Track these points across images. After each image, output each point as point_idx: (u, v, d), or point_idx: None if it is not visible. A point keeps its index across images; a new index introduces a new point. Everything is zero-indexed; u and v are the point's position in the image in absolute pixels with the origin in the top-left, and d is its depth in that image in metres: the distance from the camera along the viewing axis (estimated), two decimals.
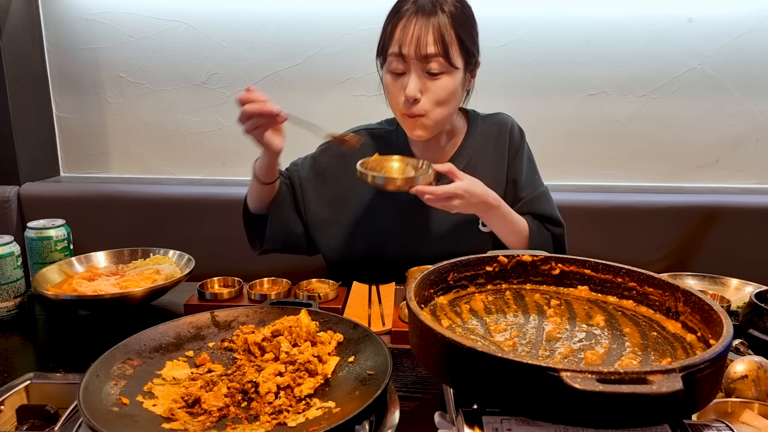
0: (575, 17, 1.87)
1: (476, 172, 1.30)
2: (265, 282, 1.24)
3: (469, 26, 1.19)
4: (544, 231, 1.30)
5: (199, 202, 1.80)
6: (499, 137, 1.34)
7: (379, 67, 1.25)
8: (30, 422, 0.79)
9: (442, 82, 1.16)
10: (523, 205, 1.31)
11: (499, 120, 1.36)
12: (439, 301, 0.82)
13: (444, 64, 1.14)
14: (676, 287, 0.75)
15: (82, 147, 2.11)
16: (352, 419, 0.63)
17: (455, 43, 1.14)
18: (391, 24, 1.17)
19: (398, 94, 1.18)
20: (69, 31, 2.00)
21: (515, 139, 1.34)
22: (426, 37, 1.12)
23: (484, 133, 1.34)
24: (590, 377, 0.51)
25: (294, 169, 1.38)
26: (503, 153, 1.33)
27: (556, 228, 1.31)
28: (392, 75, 1.19)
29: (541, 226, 1.30)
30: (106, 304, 1.12)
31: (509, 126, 1.35)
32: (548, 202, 1.33)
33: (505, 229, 1.23)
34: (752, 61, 1.86)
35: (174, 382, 0.78)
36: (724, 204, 1.72)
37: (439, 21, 1.13)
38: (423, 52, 1.12)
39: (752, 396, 0.75)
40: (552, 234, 1.30)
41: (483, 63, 1.26)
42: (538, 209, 1.31)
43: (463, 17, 1.17)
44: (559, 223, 1.32)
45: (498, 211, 1.19)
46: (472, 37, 1.19)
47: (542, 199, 1.32)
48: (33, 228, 1.27)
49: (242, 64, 1.98)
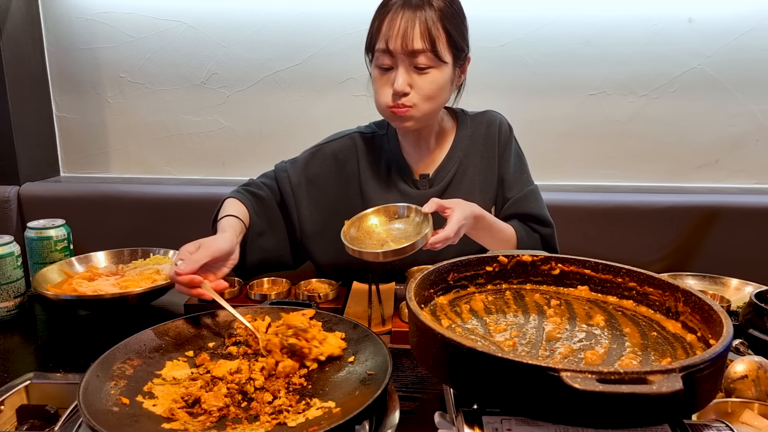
0: (575, 17, 1.87)
1: (467, 175, 1.29)
2: (265, 282, 1.24)
3: (458, 20, 1.17)
4: (533, 234, 1.27)
5: (199, 202, 1.80)
6: (488, 137, 1.31)
7: (368, 63, 1.23)
8: (30, 422, 0.79)
9: (431, 77, 1.14)
10: (510, 205, 1.28)
11: (487, 118, 1.33)
12: (439, 301, 0.82)
13: (432, 58, 1.12)
14: (676, 287, 0.75)
15: (82, 147, 2.11)
16: (352, 419, 0.63)
17: (443, 37, 1.13)
18: (378, 19, 1.15)
19: (386, 89, 1.16)
20: (69, 31, 2.00)
21: (503, 137, 1.31)
22: (412, 31, 1.10)
23: (474, 134, 1.31)
24: (590, 377, 0.51)
25: (283, 176, 1.31)
26: (493, 152, 1.31)
27: (544, 228, 1.27)
28: (380, 70, 1.17)
29: (529, 230, 1.27)
30: (106, 304, 1.12)
31: (497, 124, 1.32)
32: (536, 202, 1.29)
33: (494, 238, 1.19)
34: (752, 61, 1.86)
35: (174, 382, 0.78)
36: (724, 204, 1.72)
37: (426, 15, 1.11)
38: (410, 47, 1.11)
39: (752, 396, 0.75)
40: (540, 235, 1.27)
41: (483, 63, 1.26)
42: (525, 209, 1.27)
43: (451, 11, 1.15)
44: (548, 223, 1.28)
45: (485, 221, 1.15)
46: (460, 31, 1.17)
47: (530, 199, 1.29)
48: (33, 228, 1.27)
49: (242, 64, 1.98)
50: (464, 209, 1.08)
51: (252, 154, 2.07)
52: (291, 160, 1.34)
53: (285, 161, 1.34)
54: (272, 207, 1.30)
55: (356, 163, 1.32)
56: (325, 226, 1.30)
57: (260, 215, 1.27)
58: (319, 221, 1.31)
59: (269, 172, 1.35)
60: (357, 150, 1.32)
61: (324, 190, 1.31)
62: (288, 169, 1.32)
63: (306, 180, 1.30)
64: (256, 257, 1.27)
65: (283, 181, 1.30)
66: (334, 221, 1.19)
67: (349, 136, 1.34)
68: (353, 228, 1.09)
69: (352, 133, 1.35)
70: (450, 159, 1.30)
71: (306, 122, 2.01)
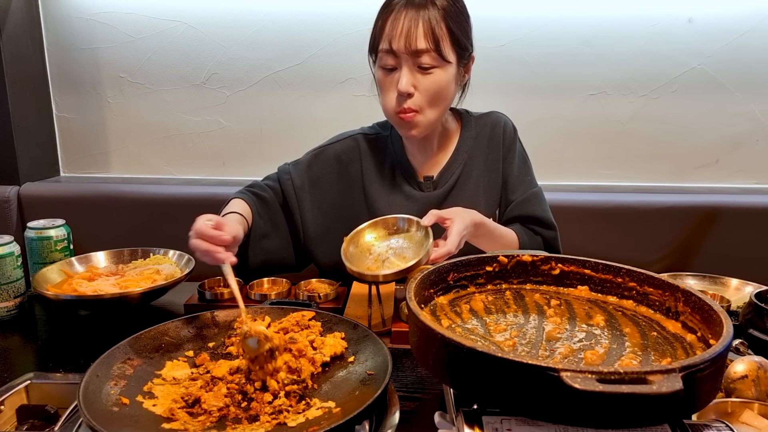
0: (575, 17, 1.87)
1: (471, 177, 1.29)
2: (265, 282, 1.24)
3: (461, 19, 1.16)
4: (535, 237, 1.26)
5: (199, 202, 1.79)
6: (492, 138, 1.30)
7: (371, 65, 1.22)
8: (30, 422, 0.79)
9: (435, 77, 1.13)
10: (513, 207, 1.28)
11: (492, 119, 1.32)
12: (439, 301, 0.82)
13: (436, 57, 1.12)
14: (676, 287, 0.75)
15: (82, 147, 2.11)
16: (352, 419, 0.63)
17: (446, 36, 1.12)
18: (381, 19, 1.14)
19: (390, 90, 1.16)
20: (69, 31, 2.00)
21: (507, 138, 1.30)
22: (416, 30, 1.10)
23: (478, 135, 1.31)
24: (590, 377, 0.51)
25: (286, 177, 1.31)
26: (497, 154, 1.30)
27: (547, 231, 1.27)
28: (383, 71, 1.16)
29: (532, 234, 1.26)
30: (106, 304, 1.12)
31: (502, 125, 1.31)
32: (540, 204, 1.29)
33: (495, 243, 1.18)
34: (752, 61, 1.86)
35: (174, 382, 0.78)
36: (724, 204, 1.72)
37: (430, 14, 1.10)
38: (413, 47, 1.10)
39: (752, 396, 0.75)
40: (543, 238, 1.26)
41: (483, 63, 1.25)
42: (528, 211, 1.27)
43: (454, 10, 1.14)
44: (551, 225, 1.28)
45: (485, 227, 1.14)
46: (464, 30, 1.17)
47: (533, 201, 1.28)
48: (33, 228, 1.27)
49: (242, 64, 1.98)
50: (464, 219, 1.07)
51: (252, 154, 2.07)
52: (294, 161, 1.34)
53: (288, 163, 1.34)
54: (276, 209, 1.30)
55: (359, 165, 1.31)
56: (328, 228, 1.29)
57: (264, 217, 1.27)
58: (323, 223, 1.30)
59: (272, 174, 1.34)
60: (360, 151, 1.32)
61: (327, 191, 1.31)
62: (291, 171, 1.31)
63: (309, 182, 1.30)
64: (260, 259, 1.27)
65: (286, 182, 1.30)
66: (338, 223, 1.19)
67: (353, 138, 1.33)
68: (352, 245, 1.07)
69: (356, 135, 1.34)
70: (454, 161, 1.29)
71: (306, 122, 2.01)
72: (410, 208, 1.26)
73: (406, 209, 1.25)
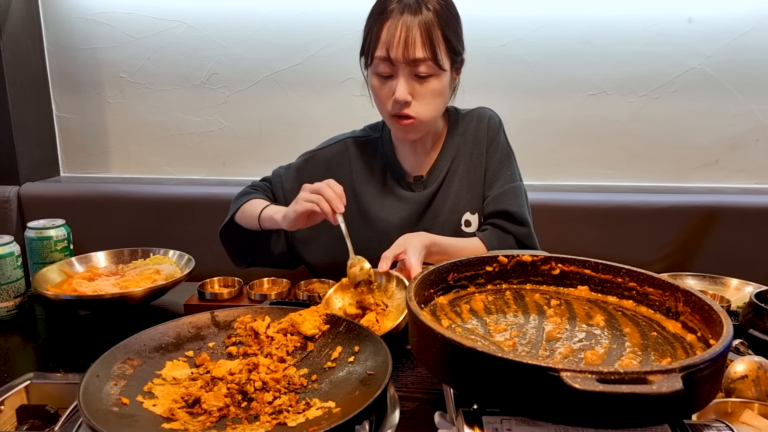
0: (575, 17, 1.87)
1: (457, 174, 1.29)
2: (265, 282, 1.24)
3: (455, 24, 1.16)
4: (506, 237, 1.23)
5: (199, 202, 1.80)
6: (477, 132, 1.30)
7: (362, 67, 1.22)
8: (30, 422, 0.79)
9: (431, 84, 1.14)
10: (489, 202, 1.25)
11: (477, 114, 1.32)
12: (439, 301, 0.82)
13: (432, 66, 1.12)
14: (676, 287, 0.75)
15: (82, 147, 2.11)
16: (352, 419, 0.63)
17: (442, 44, 1.13)
18: (377, 25, 1.13)
19: (387, 98, 1.16)
20: (69, 31, 2.00)
21: (491, 132, 1.29)
22: (414, 40, 1.10)
23: (465, 131, 1.31)
24: (590, 377, 0.51)
25: (277, 180, 1.35)
26: (482, 149, 1.29)
27: (518, 228, 1.23)
28: (379, 78, 1.16)
29: (501, 234, 1.23)
30: (106, 304, 1.12)
31: (486, 119, 1.30)
32: (515, 199, 1.25)
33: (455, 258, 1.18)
34: (752, 61, 1.86)
35: (174, 382, 0.78)
36: (724, 204, 1.72)
37: (425, 20, 1.10)
38: (411, 56, 1.10)
39: (752, 396, 0.75)
40: (515, 236, 1.23)
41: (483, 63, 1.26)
42: (502, 206, 1.23)
43: (448, 15, 1.14)
44: (524, 222, 1.24)
45: (438, 245, 1.14)
46: (457, 35, 1.17)
47: (509, 195, 1.25)
48: (33, 228, 1.27)
49: (242, 64, 1.98)
50: (415, 246, 1.07)
51: (252, 154, 2.07)
52: (286, 165, 1.37)
53: (281, 167, 1.38)
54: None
55: (349, 168, 1.32)
56: (318, 231, 1.28)
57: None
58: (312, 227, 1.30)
59: (268, 176, 1.38)
60: (349, 155, 1.33)
61: None
62: (282, 175, 1.36)
63: (298, 185, 1.28)
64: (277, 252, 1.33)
65: (277, 186, 1.34)
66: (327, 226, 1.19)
67: (342, 142, 1.35)
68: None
69: (345, 139, 1.35)
70: (442, 159, 1.29)
71: (306, 122, 2.01)
72: (402, 208, 1.27)
73: (398, 210, 1.27)
